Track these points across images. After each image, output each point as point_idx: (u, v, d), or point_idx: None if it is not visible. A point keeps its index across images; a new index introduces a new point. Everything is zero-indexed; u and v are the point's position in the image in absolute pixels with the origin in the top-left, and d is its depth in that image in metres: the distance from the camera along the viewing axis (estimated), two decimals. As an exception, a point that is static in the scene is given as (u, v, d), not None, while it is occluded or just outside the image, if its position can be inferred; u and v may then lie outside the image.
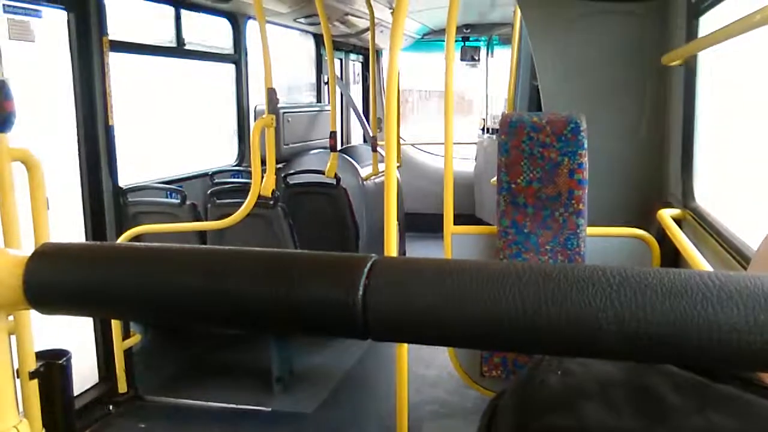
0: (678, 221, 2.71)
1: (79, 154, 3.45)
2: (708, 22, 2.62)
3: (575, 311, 0.38)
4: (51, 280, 0.45)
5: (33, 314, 2.13)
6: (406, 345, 2.39)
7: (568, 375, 0.73)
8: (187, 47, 4.40)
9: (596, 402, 0.68)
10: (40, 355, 1.89)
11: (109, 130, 3.49)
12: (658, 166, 3.18)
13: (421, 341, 0.42)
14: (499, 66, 7.46)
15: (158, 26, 4.30)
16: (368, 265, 0.41)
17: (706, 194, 2.81)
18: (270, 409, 3.63)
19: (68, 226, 3.50)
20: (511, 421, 0.75)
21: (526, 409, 0.74)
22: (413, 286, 0.40)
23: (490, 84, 7.74)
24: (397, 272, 0.41)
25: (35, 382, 1.74)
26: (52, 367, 1.66)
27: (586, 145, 2.68)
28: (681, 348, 0.37)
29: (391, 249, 2.31)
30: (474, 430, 0.84)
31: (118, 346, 3.51)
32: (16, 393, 1.78)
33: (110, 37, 3.45)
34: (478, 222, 6.80)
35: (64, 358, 1.75)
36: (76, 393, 3.36)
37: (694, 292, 0.36)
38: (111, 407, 3.55)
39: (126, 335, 3.59)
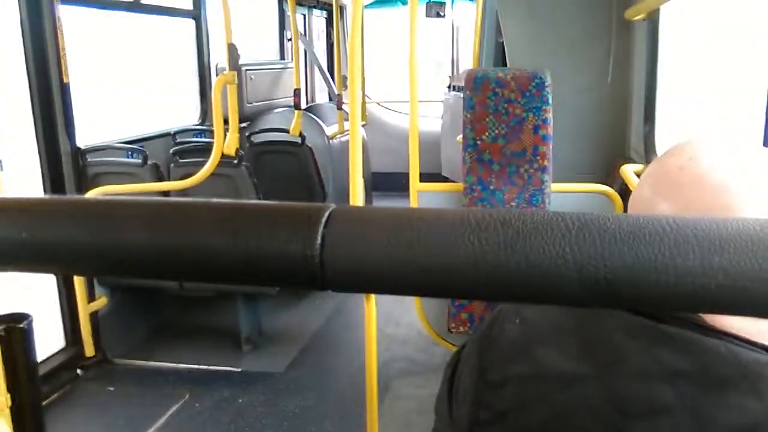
0: (640, 176, 2.75)
1: (33, 114, 3.33)
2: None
3: (534, 257, 0.37)
4: None
5: (-9, 279, 2.08)
6: (374, 303, 2.40)
7: (525, 323, 0.75)
8: (143, 1, 4.24)
9: (551, 348, 0.70)
10: (-1, 320, 1.84)
11: (64, 88, 3.36)
12: (621, 121, 3.21)
13: (380, 291, 0.41)
14: (465, 23, 7.40)
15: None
16: (326, 214, 0.40)
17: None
18: (240, 370, 3.65)
19: (25, 190, 3.41)
20: (472, 370, 0.77)
21: (486, 358, 0.76)
22: (371, 235, 0.40)
23: (455, 41, 7.67)
24: (355, 221, 0.40)
25: (-5, 346, 1.70)
26: (13, 331, 1.62)
27: (550, 101, 2.68)
28: (638, 292, 0.37)
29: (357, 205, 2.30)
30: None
31: (84, 310, 3.46)
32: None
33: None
34: (445, 181, 6.82)
35: (25, 322, 1.71)
36: (42, 358, 3.34)
37: (651, 236, 0.36)
38: (79, 371, 3.53)
39: (91, 298, 3.54)
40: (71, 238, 0.42)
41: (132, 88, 4.51)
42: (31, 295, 3.25)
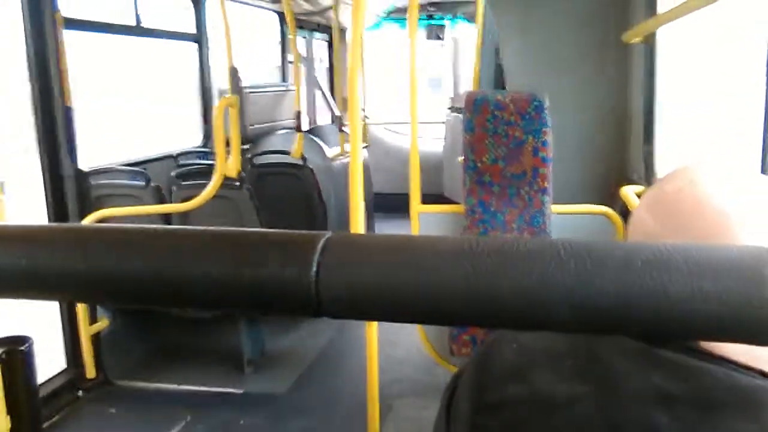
0: (641, 197, 2.74)
1: (37, 138, 3.35)
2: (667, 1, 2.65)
3: (525, 284, 0.38)
4: None
5: (-7, 302, 2.08)
6: (375, 325, 2.40)
7: (522, 347, 0.76)
8: (145, 26, 4.29)
9: (547, 371, 0.71)
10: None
11: (67, 112, 3.39)
12: (621, 142, 3.22)
13: (375, 318, 0.42)
14: (465, 45, 7.47)
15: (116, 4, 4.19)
16: (321, 242, 0.41)
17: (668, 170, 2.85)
18: (242, 391, 3.63)
19: (29, 213, 3.42)
20: (469, 394, 0.77)
21: (483, 382, 0.76)
22: (366, 263, 0.40)
23: (456, 62, 7.73)
24: (351, 249, 0.41)
25: (-4, 369, 1.70)
26: (14, 354, 1.62)
27: (549, 123, 2.70)
28: (629, 319, 0.37)
29: (357, 229, 2.31)
30: None
31: (85, 331, 3.45)
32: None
33: (65, 15, 3.34)
34: (447, 202, 6.82)
35: (26, 345, 1.71)
36: (43, 379, 3.32)
37: (642, 263, 0.37)
38: (80, 393, 3.51)
39: (93, 320, 3.54)
40: (70, 266, 0.43)
41: (136, 112, 4.55)
42: (33, 316, 3.25)
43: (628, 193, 2.74)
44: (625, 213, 2.84)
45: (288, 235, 0.42)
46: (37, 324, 3.38)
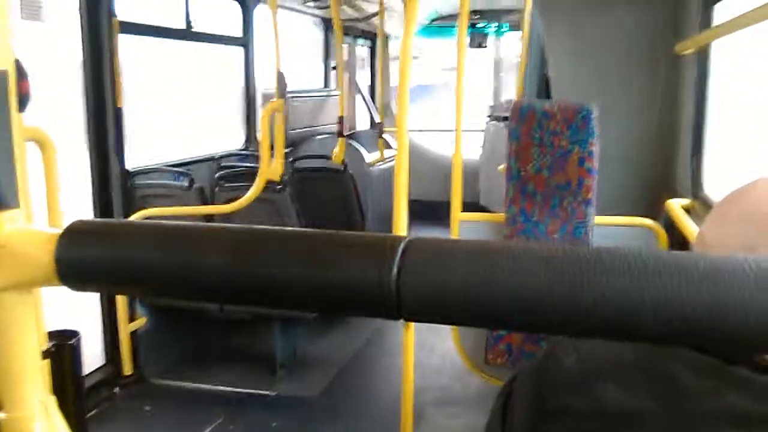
0: (687, 211, 2.70)
1: (88, 137, 3.44)
2: (722, 11, 2.60)
3: (612, 294, 0.38)
4: (82, 257, 0.45)
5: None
6: (412, 331, 2.39)
7: (584, 357, 0.74)
8: (195, 30, 4.37)
9: (613, 384, 0.69)
10: (50, 335, 1.91)
11: (117, 113, 3.48)
12: (668, 155, 3.16)
13: (454, 322, 0.42)
14: (507, 53, 7.44)
15: (167, 9, 4.28)
16: (402, 245, 0.41)
17: (715, 184, 2.79)
18: (274, 394, 3.65)
19: (76, 209, 3.50)
20: (527, 402, 0.76)
21: (542, 391, 0.75)
22: (447, 267, 0.40)
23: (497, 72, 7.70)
24: (431, 253, 0.41)
25: (47, 361, 1.75)
26: (63, 347, 1.68)
27: (596, 134, 2.67)
28: (716, 333, 0.37)
29: (400, 233, 2.31)
30: (476, 418, 0.85)
31: (124, 329, 3.52)
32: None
33: (120, 19, 3.43)
34: (482, 210, 6.77)
35: (75, 339, 1.77)
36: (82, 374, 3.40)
37: (730, 277, 0.36)
38: (116, 389, 3.58)
39: (132, 318, 3.61)
40: (157, 262, 0.44)
41: (180, 113, 4.63)
42: (74, 313, 3.32)
43: (674, 205, 2.69)
44: (668, 226, 2.79)
45: (367, 238, 0.43)
46: (79, 319, 3.46)
